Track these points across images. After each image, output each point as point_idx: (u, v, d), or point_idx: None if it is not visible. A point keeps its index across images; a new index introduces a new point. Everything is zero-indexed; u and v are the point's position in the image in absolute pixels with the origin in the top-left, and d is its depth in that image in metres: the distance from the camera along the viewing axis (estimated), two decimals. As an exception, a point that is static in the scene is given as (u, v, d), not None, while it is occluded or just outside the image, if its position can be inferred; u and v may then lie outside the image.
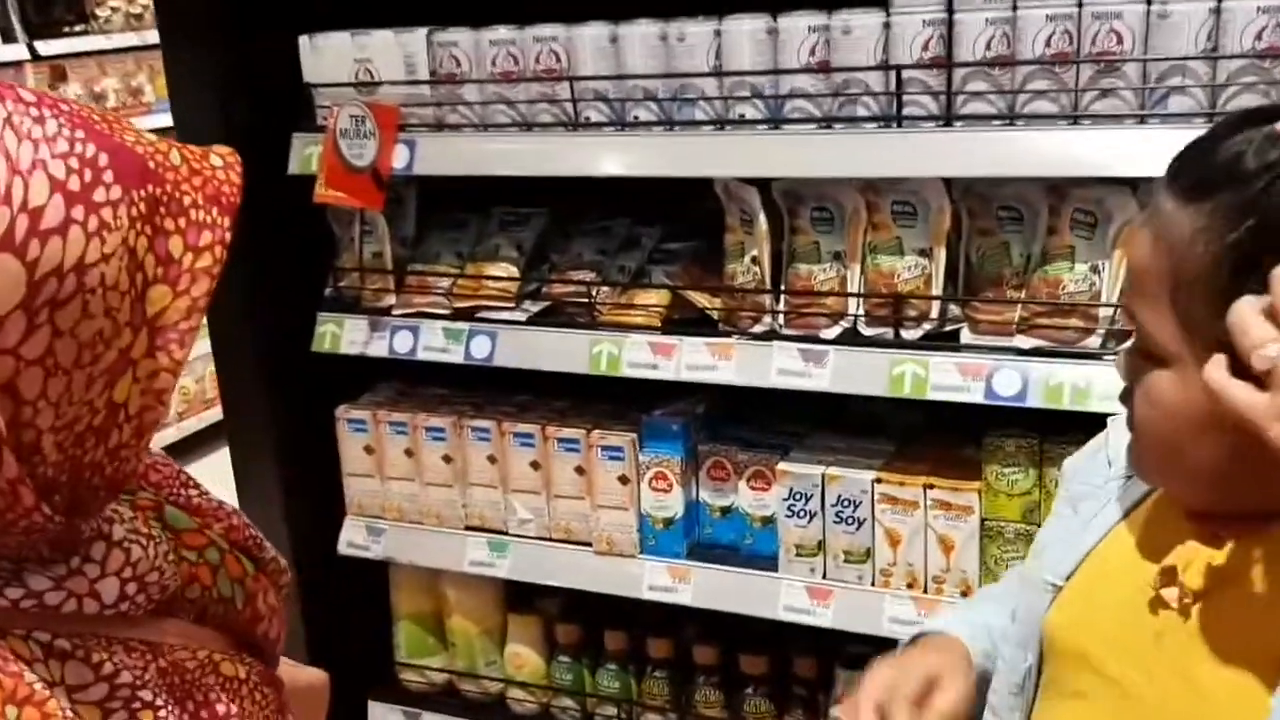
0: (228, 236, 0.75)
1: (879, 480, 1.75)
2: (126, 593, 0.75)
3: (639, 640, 2.06)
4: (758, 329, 1.77)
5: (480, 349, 1.93)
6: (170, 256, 0.72)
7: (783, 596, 1.82)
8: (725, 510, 1.93)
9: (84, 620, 0.74)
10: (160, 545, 0.80)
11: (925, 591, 1.76)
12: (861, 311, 1.71)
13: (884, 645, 1.94)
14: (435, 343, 1.97)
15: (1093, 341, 1.60)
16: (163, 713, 0.74)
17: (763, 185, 1.74)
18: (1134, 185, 1.54)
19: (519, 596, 2.15)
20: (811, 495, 1.79)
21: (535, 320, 1.94)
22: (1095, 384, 1.56)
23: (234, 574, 0.89)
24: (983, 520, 1.71)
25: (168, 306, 0.72)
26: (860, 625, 1.78)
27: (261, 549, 0.97)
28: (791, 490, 1.81)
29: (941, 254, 1.66)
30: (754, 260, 1.76)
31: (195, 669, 0.81)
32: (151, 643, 0.79)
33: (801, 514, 1.81)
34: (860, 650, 1.94)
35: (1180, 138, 0.94)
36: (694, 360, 1.78)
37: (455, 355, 1.96)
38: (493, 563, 2.03)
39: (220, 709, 0.81)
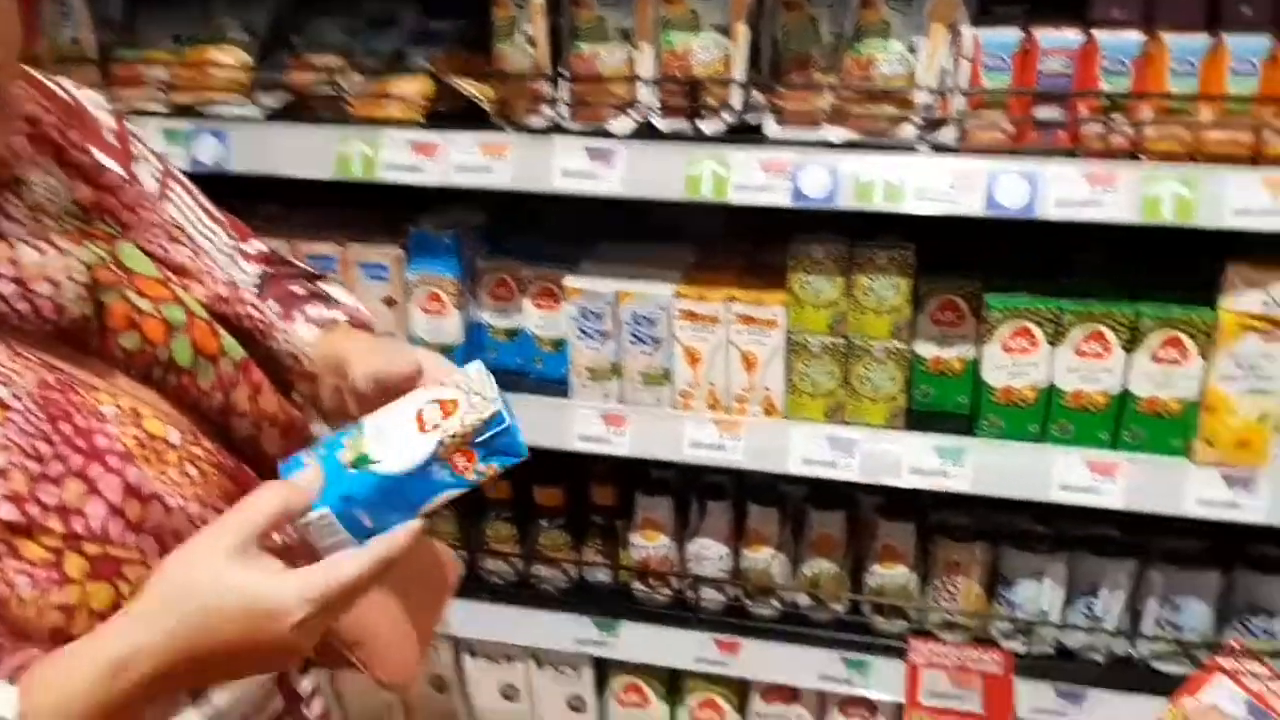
0: None
1: (677, 295, 1.57)
2: (2, 291, 0.73)
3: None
4: (536, 122, 1.52)
5: (207, 152, 1.61)
6: None
7: (577, 424, 1.65)
8: (511, 333, 1.72)
9: None
10: (73, 264, 0.76)
11: (728, 412, 1.61)
12: (655, 101, 1.48)
13: (687, 471, 1.83)
14: (153, 147, 1.63)
15: (907, 131, 1.43)
16: (13, 412, 0.71)
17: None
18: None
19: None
20: (604, 314, 1.60)
21: (274, 117, 1.62)
22: (909, 180, 1.39)
23: (204, 347, 0.82)
24: (788, 334, 1.55)
25: None
26: (660, 451, 1.63)
27: (268, 338, 0.89)
28: (582, 309, 1.61)
29: (742, 31, 1.43)
30: (529, 40, 1.49)
31: (107, 414, 0.76)
32: (49, 362, 0.75)
33: (594, 334, 1.62)
34: (661, 475, 1.82)
35: None
36: (464, 160, 1.52)
37: (178, 161, 1.63)
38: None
39: (101, 441, 0.74)
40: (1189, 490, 1.48)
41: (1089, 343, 1.47)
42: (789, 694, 1.82)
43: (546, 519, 1.83)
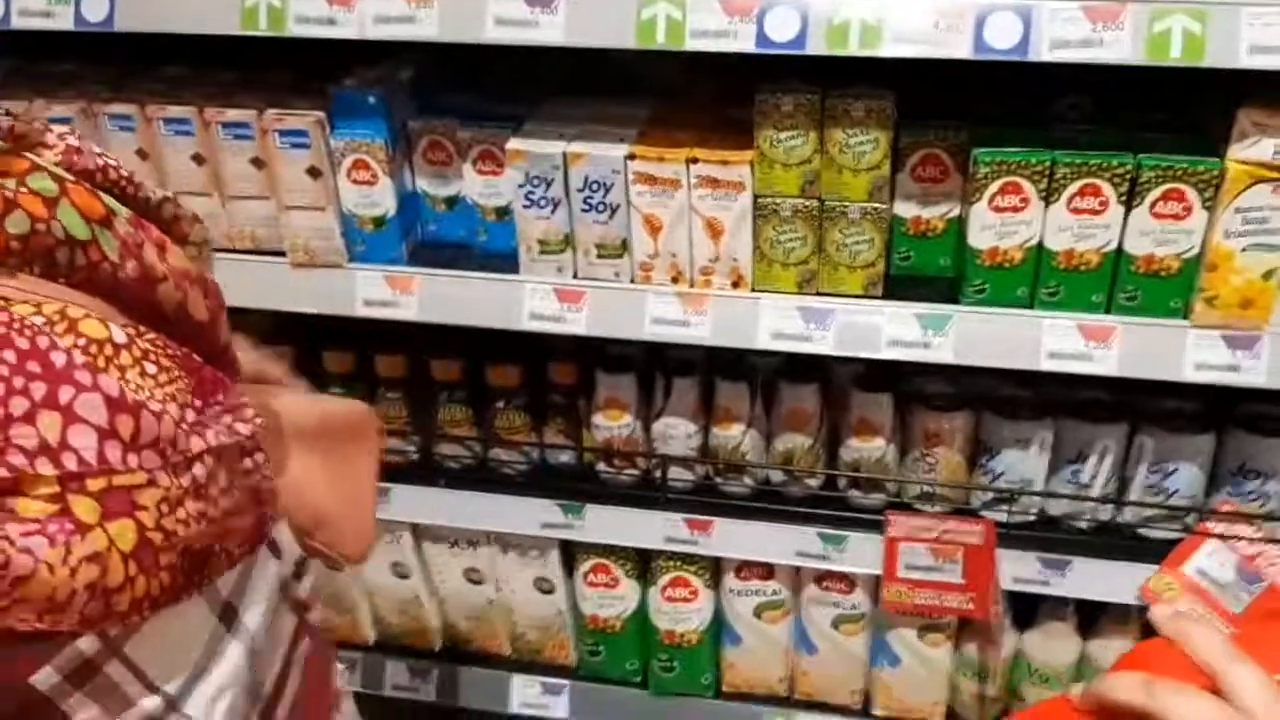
0: None
1: (632, 156, 1.42)
2: None
3: (365, 360, 1.73)
4: (466, -36, 1.34)
5: (95, 9, 1.42)
6: None
7: (528, 302, 1.52)
8: (450, 202, 1.57)
9: None
10: None
11: (692, 285, 1.48)
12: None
13: (651, 346, 1.71)
14: (32, 4, 1.44)
15: (887, -37, 1.26)
16: None
17: None
18: None
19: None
20: (552, 179, 1.45)
21: (166, -36, 1.42)
22: (888, 20, 1.24)
23: (90, 212, 0.71)
24: (756, 197, 1.41)
25: None
26: (620, 329, 1.51)
27: (140, 190, 0.77)
28: (528, 174, 1.45)
29: None
30: None
31: (38, 325, 0.64)
32: None
33: (542, 202, 1.47)
34: (624, 351, 1.70)
35: None
36: (383, 10, 1.34)
37: (63, 20, 1.44)
38: (167, 285, 1.62)
39: (57, 359, 0.64)
40: (1187, 354, 1.38)
41: (1084, 198, 1.34)
42: (764, 570, 1.75)
43: (502, 400, 1.71)
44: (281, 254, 1.57)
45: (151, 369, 0.69)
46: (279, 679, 0.88)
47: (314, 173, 1.49)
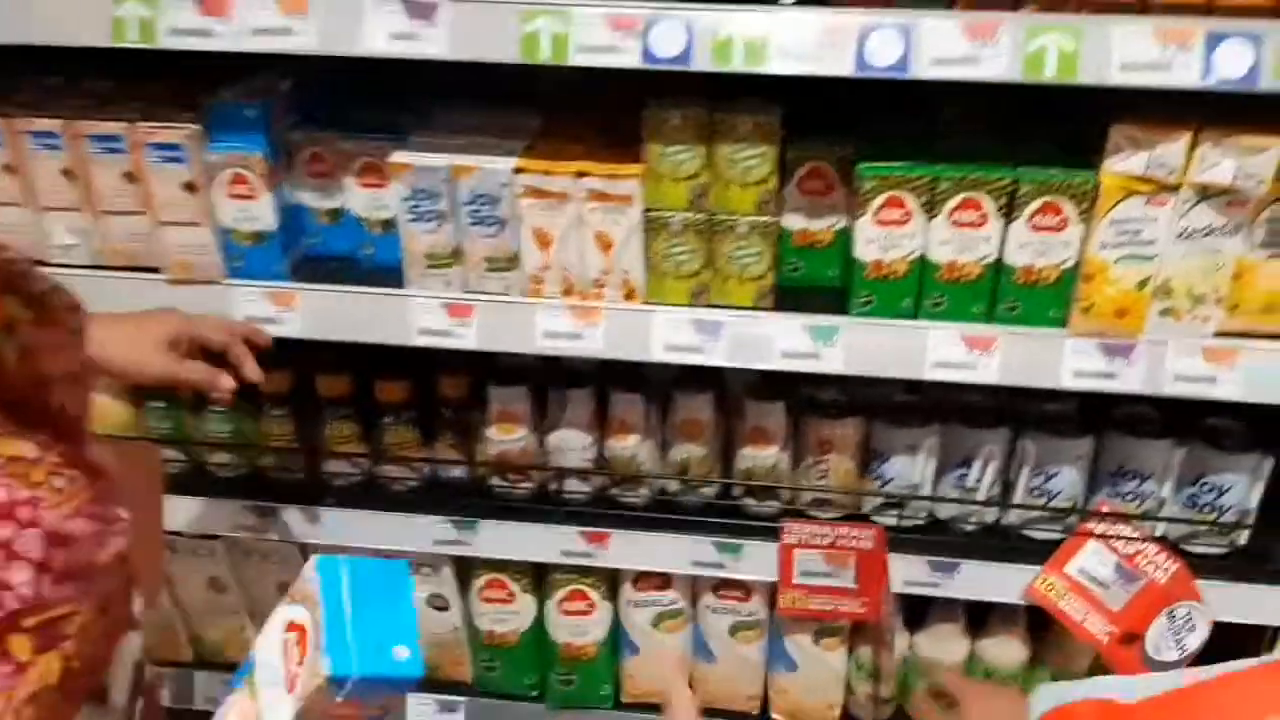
0: None
1: (520, 170, 1.40)
2: None
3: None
4: (344, -27, 1.30)
5: (-51, 14, 1.34)
6: None
7: (416, 317, 1.49)
8: (334, 214, 1.53)
9: None
10: None
11: (584, 298, 1.47)
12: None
13: (542, 360, 1.69)
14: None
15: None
16: None
17: None
18: None
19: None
20: (439, 193, 1.42)
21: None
22: (773, 37, 1.24)
23: None
24: (645, 211, 1.41)
25: None
26: (511, 343, 1.49)
27: (31, 281, 0.74)
28: (413, 188, 1.42)
29: None
30: (327, -128, 1.26)
31: None
32: None
33: (429, 216, 1.44)
34: (516, 363, 1.68)
35: None
36: (261, 21, 1.30)
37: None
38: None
39: None
40: (1066, 362, 1.41)
41: (965, 211, 1.37)
42: (661, 581, 1.75)
43: (391, 415, 1.68)
44: (157, 270, 1.51)
45: (60, 482, 0.68)
46: None
47: (190, 188, 1.44)
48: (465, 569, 1.80)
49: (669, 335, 1.46)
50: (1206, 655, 1.56)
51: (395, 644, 0.70)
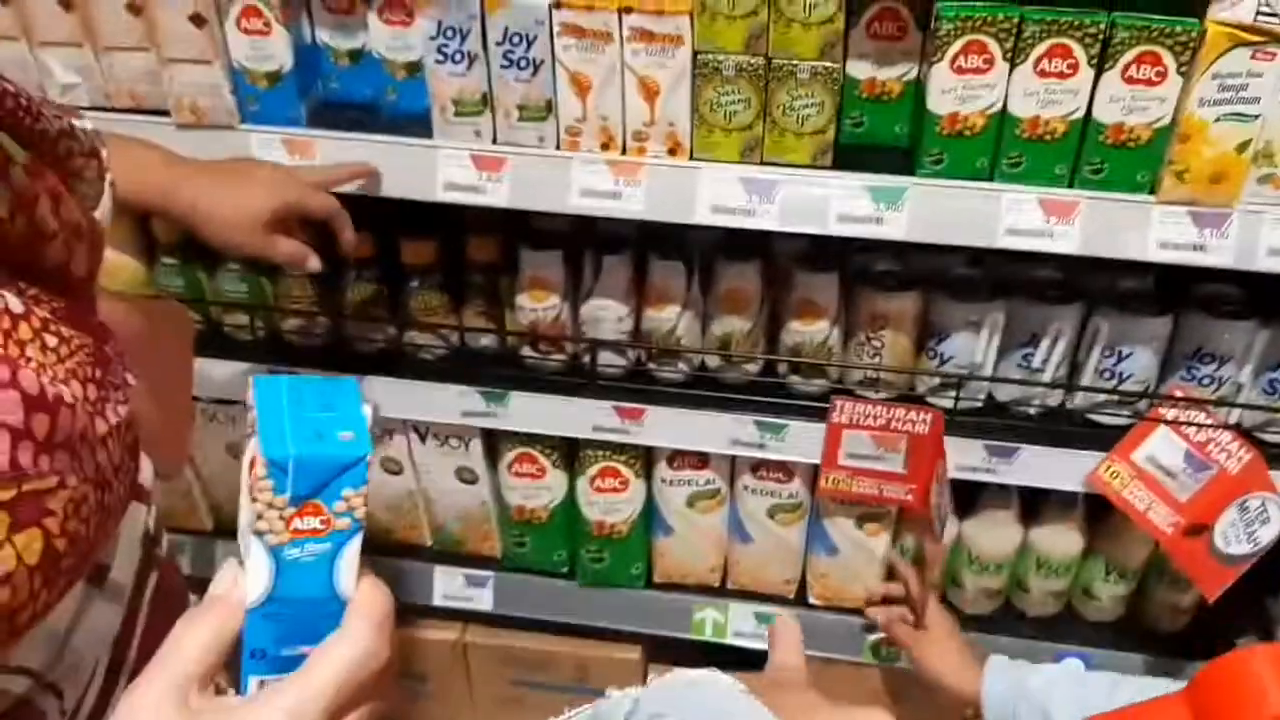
0: None
1: (558, 5, 1.26)
2: None
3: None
4: None
5: None
6: None
7: (442, 170, 1.37)
8: (354, 56, 1.41)
9: None
10: None
11: (624, 152, 1.35)
12: None
13: (578, 220, 1.58)
14: None
15: None
16: None
17: None
18: None
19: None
20: (468, 30, 1.29)
21: None
22: None
23: None
24: (695, 54, 1.27)
25: None
26: (544, 201, 1.37)
27: (38, 121, 0.68)
28: (441, 24, 1.29)
29: None
30: None
31: None
32: None
33: (457, 56, 1.31)
34: (548, 226, 1.57)
35: None
36: None
37: None
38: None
39: None
40: (1152, 231, 1.29)
41: (1053, 59, 1.23)
42: (698, 460, 1.67)
43: (418, 279, 1.58)
44: (166, 113, 1.40)
45: (52, 341, 0.61)
46: (128, 619, 0.81)
47: (198, 20, 1.31)
48: (494, 443, 1.73)
49: (717, 195, 1.34)
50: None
51: (339, 431, 0.62)
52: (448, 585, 1.86)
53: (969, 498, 1.70)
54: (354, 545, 0.64)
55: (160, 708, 0.57)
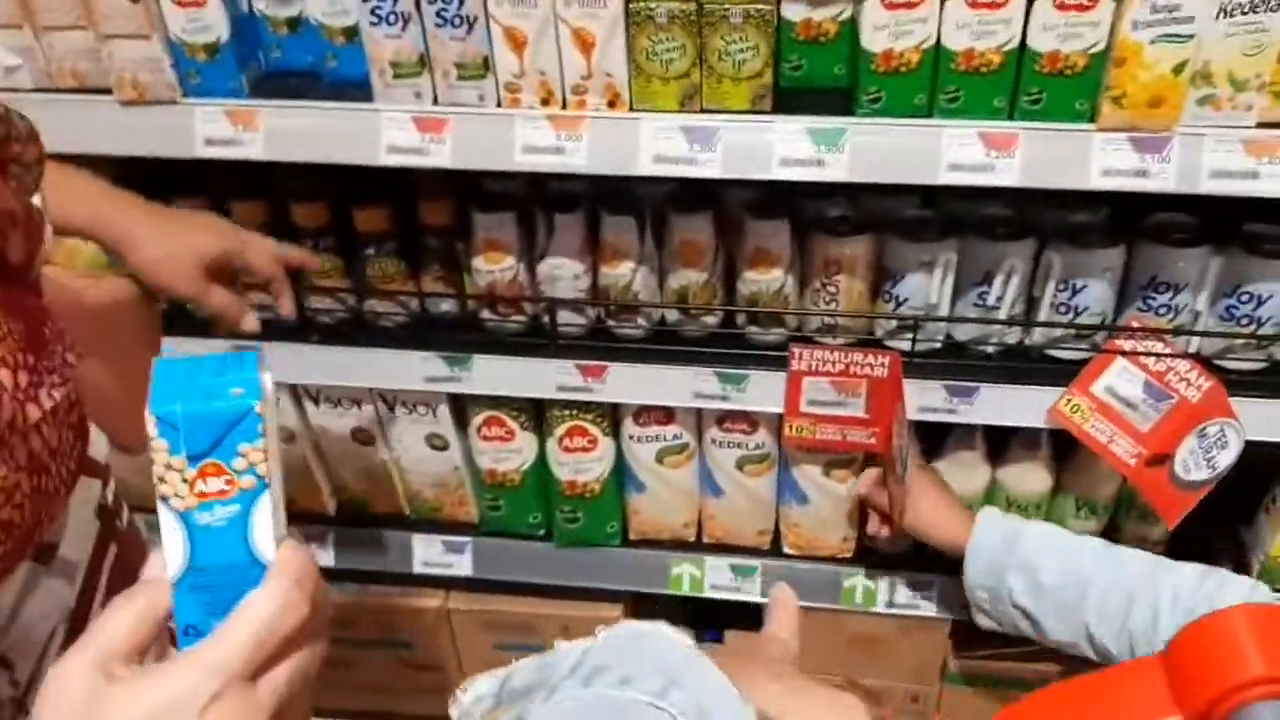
0: None
1: (486, -40, 1.26)
2: None
3: (220, 207, 1.58)
4: None
5: None
6: None
7: (384, 134, 1.37)
8: (292, 23, 1.41)
9: None
10: None
11: (564, 107, 1.35)
12: None
13: (530, 180, 1.58)
14: None
15: None
16: None
17: None
18: None
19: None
20: (400, -10, 1.29)
21: None
22: None
23: None
24: (627, 3, 1.27)
25: None
26: (488, 160, 1.38)
27: None
28: (372, -14, 1.29)
29: None
30: None
31: None
32: None
33: (391, 18, 1.31)
34: (501, 187, 1.57)
35: None
36: None
37: None
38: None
39: None
40: (1094, 160, 1.29)
41: (984, -11, 1.23)
42: (664, 415, 1.67)
43: (373, 247, 1.59)
44: (109, 91, 1.40)
45: None
46: (85, 592, 0.81)
47: (131, -6, 1.32)
48: (462, 408, 1.74)
49: (658, 145, 1.34)
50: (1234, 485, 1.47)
51: (230, 389, 0.63)
52: (427, 552, 1.88)
53: (937, 440, 1.70)
54: (263, 504, 0.63)
55: (81, 675, 0.57)
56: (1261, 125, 1.27)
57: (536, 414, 1.72)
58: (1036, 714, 0.48)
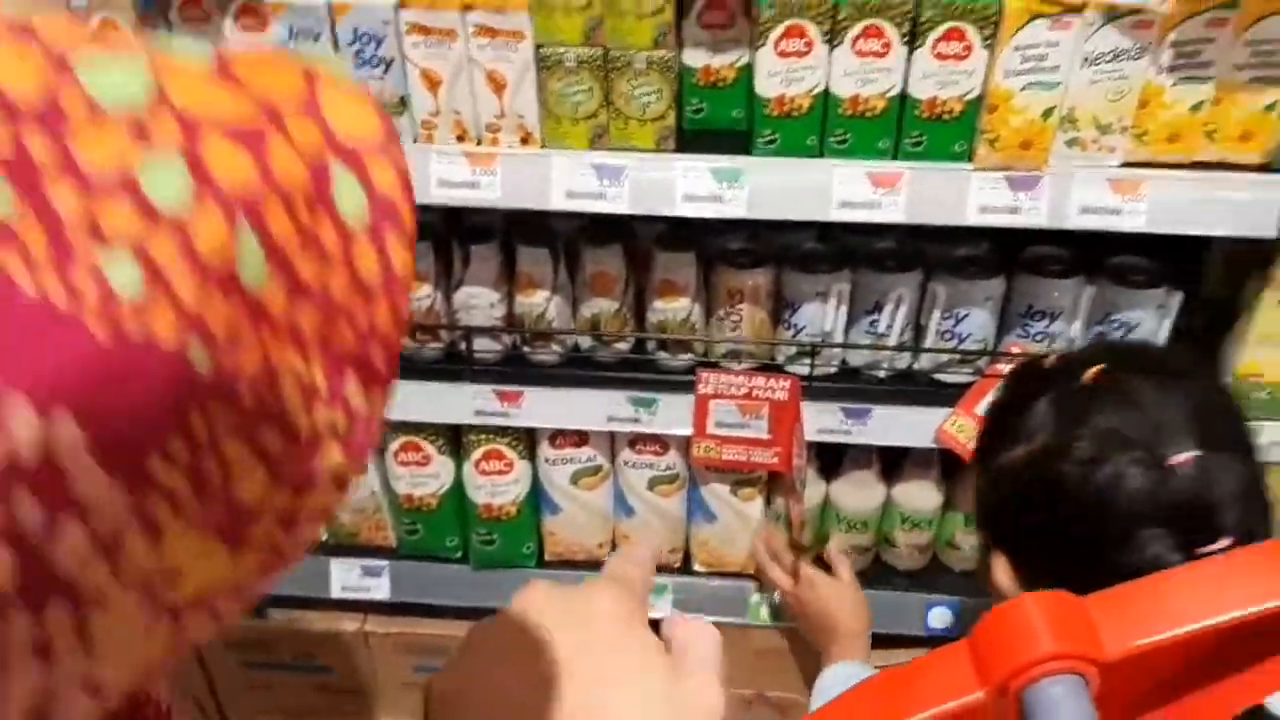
0: None
1: (403, 5, 1.33)
2: None
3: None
4: None
5: None
6: None
7: (305, 168, 1.43)
8: (214, 62, 1.46)
9: None
10: None
11: (479, 144, 1.42)
12: None
13: (446, 215, 1.64)
14: None
15: None
16: None
17: None
18: None
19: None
20: (319, 32, 1.35)
21: None
22: None
23: None
24: (537, 47, 1.35)
25: None
26: (405, 193, 1.43)
27: None
28: (293, 28, 1.35)
29: None
30: None
31: None
32: None
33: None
34: (419, 219, 1.63)
35: None
36: None
37: None
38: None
39: None
40: (971, 197, 1.39)
41: (867, 39, 1.33)
42: (578, 438, 1.74)
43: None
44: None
45: None
46: None
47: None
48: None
49: (569, 181, 1.42)
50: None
51: None
52: (345, 577, 1.91)
53: (834, 460, 1.80)
54: None
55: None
56: (1126, 165, 1.39)
57: (453, 438, 1.77)
58: (851, 707, 0.53)
